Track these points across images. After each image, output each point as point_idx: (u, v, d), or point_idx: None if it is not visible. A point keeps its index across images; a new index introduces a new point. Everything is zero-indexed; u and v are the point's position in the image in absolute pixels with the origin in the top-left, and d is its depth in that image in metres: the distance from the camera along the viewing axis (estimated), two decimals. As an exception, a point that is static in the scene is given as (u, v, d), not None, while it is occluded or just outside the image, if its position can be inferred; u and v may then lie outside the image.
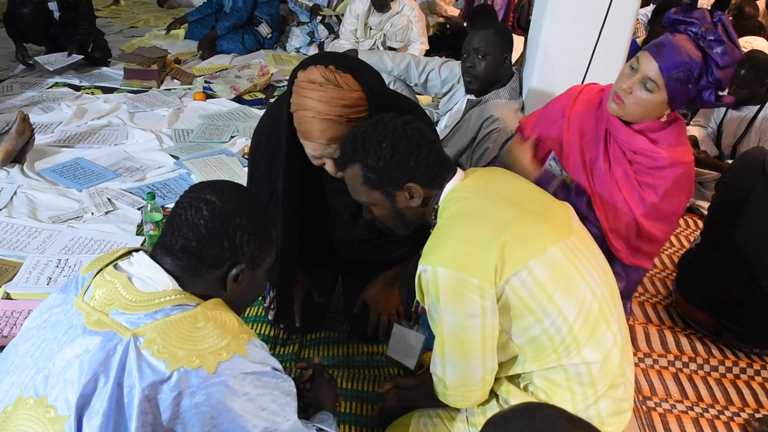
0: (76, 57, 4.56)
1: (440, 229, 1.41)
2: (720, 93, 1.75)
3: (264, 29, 5.47)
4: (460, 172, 1.50)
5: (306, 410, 1.56)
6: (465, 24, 5.54)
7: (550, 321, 1.35)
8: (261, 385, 1.12)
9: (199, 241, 1.16)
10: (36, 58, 4.57)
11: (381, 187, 1.46)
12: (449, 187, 1.47)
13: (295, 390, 1.20)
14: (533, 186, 1.57)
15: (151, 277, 1.15)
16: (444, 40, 5.50)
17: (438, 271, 1.33)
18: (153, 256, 1.19)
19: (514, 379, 1.49)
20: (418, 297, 1.43)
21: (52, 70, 4.46)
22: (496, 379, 1.47)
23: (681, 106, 1.79)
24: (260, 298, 2.31)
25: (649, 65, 1.75)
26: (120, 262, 1.19)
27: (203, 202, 1.17)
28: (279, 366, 1.19)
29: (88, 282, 1.16)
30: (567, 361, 1.38)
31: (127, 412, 1.04)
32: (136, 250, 1.21)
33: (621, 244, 1.94)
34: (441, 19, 5.89)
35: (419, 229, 1.60)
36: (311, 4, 5.54)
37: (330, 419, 1.47)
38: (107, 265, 1.18)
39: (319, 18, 5.54)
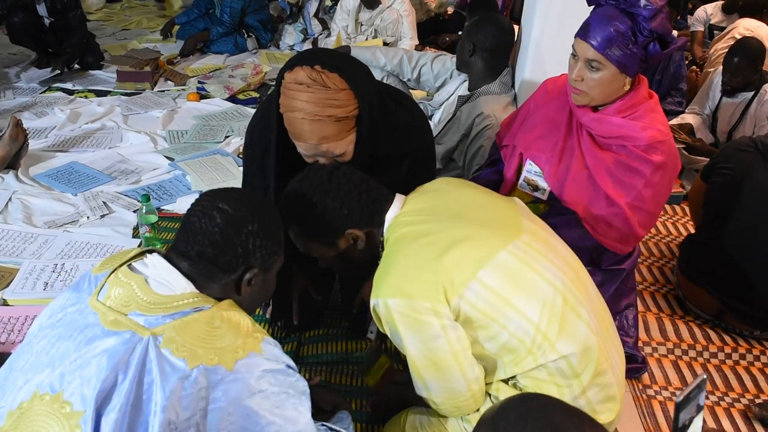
0: (57, 72, 4.56)
1: (385, 259, 1.41)
2: (667, 41, 1.73)
3: (251, 44, 5.45)
4: (399, 198, 1.51)
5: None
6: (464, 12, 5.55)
7: (515, 325, 1.34)
8: (276, 382, 1.14)
9: (214, 248, 1.20)
10: (22, 74, 4.56)
11: (322, 239, 1.48)
12: (390, 216, 1.47)
13: (308, 390, 1.21)
14: (477, 190, 1.56)
15: (168, 280, 1.18)
16: (440, 25, 5.50)
17: (389, 303, 1.33)
18: (168, 260, 1.22)
19: (503, 381, 1.48)
20: (379, 328, 1.43)
21: (35, 82, 4.47)
22: (488, 383, 1.47)
23: (638, 69, 1.76)
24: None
25: (584, 48, 1.75)
26: (134, 263, 1.22)
27: (216, 210, 1.22)
28: (293, 364, 1.20)
29: (102, 282, 1.19)
30: (544, 360, 1.37)
31: (145, 408, 1.06)
32: (150, 252, 1.24)
33: (610, 239, 1.92)
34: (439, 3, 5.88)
35: None
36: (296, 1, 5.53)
37: (347, 419, 1.48)
38: (121, 265, 1.21)
39: (313, 11, 5.53)
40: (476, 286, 1.32)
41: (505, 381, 1.46)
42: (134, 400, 1.06)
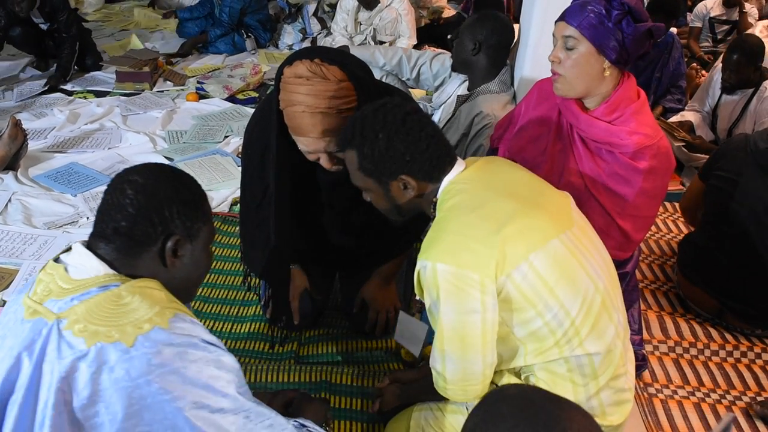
0: (47, 86, 4.40)
1: (439, 223, 1.39)
2: (639, 18, 1.72)
3: (249, 44, 5.44)
4: (460, 163, 1.47)
5: None
6: (468, 13, 5.54)
7: (551, 314, 1.34)
8: (188, 358, 1.09)
9: (128, 221, 1.15)
10: (15, 88, 4.42)
11: (375, 175, 1.44)
12: (448, 179, 1.44)
13: (237, 365, 1.16)
14: (532, 175, 1.54)
15: (83, 263, 1.16)
16: (436, 30, 5.48)
17: (438, 267, 1.30)
18: (88, 245, 1.19)
19: (515, 371, 1.47)
20: (417, 293, 1.41)
21: (24, 99, 4.28)
22: (497, 371, 1.46)
23: (614, 52, 1.73)
24: (257, 296, 2.31)
25: (562, 28, 1.76)
26: (61, 255, 1.21)
27: (126, 182, 1.17)
28: (213, 339, 1.15)
29: (35, 278, 1.19)
30: (569, 354, 1.36)
31: (42, 391, 1.05)
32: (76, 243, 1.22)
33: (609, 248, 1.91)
34: (432, 10, 5.87)
35: (414, 221, 1.59)
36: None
37: (311, 423, 1.40)
38: (50, 260, 1.20)
39: (312, 10, 5.53)
40: (525, 267, 1.31)
41: (518, 375, 1.46)
42: (35, 387, 1.05)
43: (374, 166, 1.42)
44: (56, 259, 1.20)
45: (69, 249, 1.21)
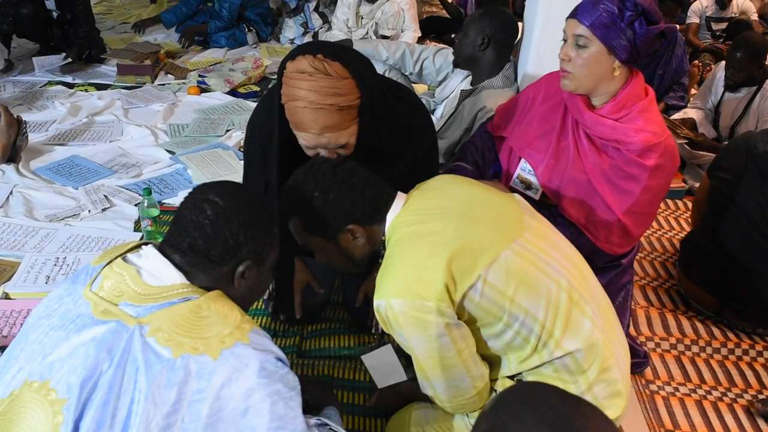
0: (69, 60, 4.54)
1: (387, 259, 1.39)
2: (653, 20, 1.71)
3: (251, 38, 5.42)
4: (400, 197, 1.48)
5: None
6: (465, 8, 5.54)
7: (519, 323, 1.34)
8: (264, 375, 1.12)
9: (205, 240, 1.20)
10: (33, 58, 4.54)
11: (321, 232, 1.46)
12: (392, 215, 1.45)
13: (299, 386, 1.19)
14: (478, 187, 1.53)
15: (160, 270, 1.18)
16: (436, 23, 5.48)
17: (392, 303, 1.31)
18: (161, 252, 1.22)
19: (508, 377, 1.47)
20: (383, 328, 1.40)
21: (45, 70, 4.46)
22: (494, 379, 1.46)
23: (628, 55, 1.73)
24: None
25: (573, 26, 1.75)
26: (129, 255, 1.23)
27: (206, 202, 1.21)
28: (283, 356, 1.19)
29: (96, 273, 1.19)
30: (549, 357, 1.36)
31: (129, 396, 1.06)
32: (146, 244, 1.24)
33: (611, 243, 1.91)
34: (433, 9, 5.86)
35: None
36: None
37: (336, 416, 1.47)
38: (117, 257, 1.21)
39: (313, 5, 5.51)
40: (480, 284, 1.31)
41: (511, 377, 1.46)
42: (118, 388, 1.06)
43: (318, 225, 1.44)
44: (124, 258, 1.21)
45: (136, 248, 1.24)
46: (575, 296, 1.39)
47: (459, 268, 1.30)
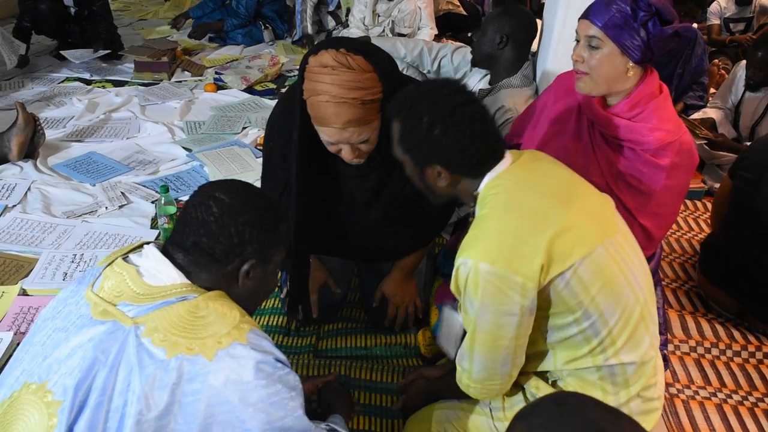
0: (102, 52, 4.60)
1: (482, 220, 1.33)
2: (667, 20, 1.68)
3: (267, 36, 5.42)
4: (507, 157, 1.40)
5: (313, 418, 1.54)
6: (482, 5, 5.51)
7: (589, 323, 1.31)
8: (262, 375, 1.10)
9: (209, 237, 1.18)
10: (62, 52, 4.58)
11: (411, 154, 1.40)
12: (492, 174, 1.37)
13: (300, 385, 1.18)
14: (577, 176, 1.48)
15: (159, 270, 1.17)
16: (453, 20, 5.45)
17: (480, 266, 1.26)
18: (164, 251, 1.21)
19: (542, 374, 1.45)
20: (452, 289, 1.36)
21: (78, 62, 4.54)
22: (524, 373, 1.44)
23: (642, 55, 1.70)
24: (276, 289, 2.30)
25: (585, 26, 1.73)
26: (130, 255, 1.22)
27: (212, 199, 1.20)
28: (283, 358, 1.17)
29: (98, 273, 1.19)
30: (602, 363, 1.33)
31: (122, 397, 1.05)
32: (148, 243, 1.23)
33: None
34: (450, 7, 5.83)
35: (437, 215, 1.55)
36: None
37: (341, 423, 1.45)
38: (118, 257, 1.20)
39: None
40: (569, 274, 1.27)
41: (546, 379, 1.44)
42: (111, 391, 1.05)
43: (412, 146, 1.38)
44: (125, 258, 1.20)
45: (137, 248, 1.23)
46: (645, 312, 1.36)
47: (557, 252, 1.26)
